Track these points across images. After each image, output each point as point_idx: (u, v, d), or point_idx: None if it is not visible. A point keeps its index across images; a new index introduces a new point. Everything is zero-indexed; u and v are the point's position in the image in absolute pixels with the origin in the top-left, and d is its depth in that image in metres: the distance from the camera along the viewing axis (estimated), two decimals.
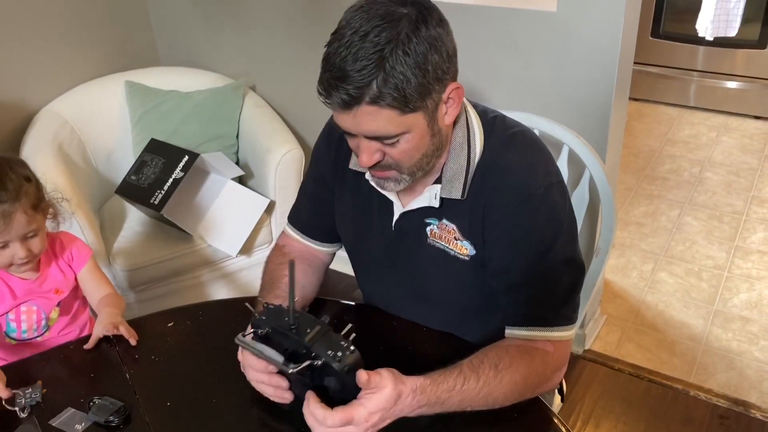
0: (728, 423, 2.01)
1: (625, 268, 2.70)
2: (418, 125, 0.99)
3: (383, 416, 0.94)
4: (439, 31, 0.96)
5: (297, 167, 2.24)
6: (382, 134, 0.98)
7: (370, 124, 0.97)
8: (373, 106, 0.94)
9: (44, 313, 1.43)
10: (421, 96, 0.96)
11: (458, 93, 1.03)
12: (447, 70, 0.99)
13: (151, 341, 1.25)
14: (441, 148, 1.07)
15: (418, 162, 1.05)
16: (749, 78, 3.68)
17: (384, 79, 0.92)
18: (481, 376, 1.01)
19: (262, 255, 2.28)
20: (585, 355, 2.29)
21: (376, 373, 0.94)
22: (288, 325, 0.94)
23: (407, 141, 1.00)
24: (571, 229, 1.11)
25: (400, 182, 1.07)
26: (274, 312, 0.98)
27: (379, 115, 0.96)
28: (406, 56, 0.92)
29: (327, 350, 0.91)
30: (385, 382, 0.94)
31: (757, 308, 2.45)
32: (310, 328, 0.93)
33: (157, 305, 2.17)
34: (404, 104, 0.95)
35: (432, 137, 1.03)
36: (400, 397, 0.95)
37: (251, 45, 2.52)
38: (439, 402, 0.99)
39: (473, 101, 1.15)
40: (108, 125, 2.44)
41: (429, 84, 0.96)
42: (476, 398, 1.00)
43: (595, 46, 1.80)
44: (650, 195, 3.16)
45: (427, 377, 0.99)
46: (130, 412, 1.08)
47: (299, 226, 1.35)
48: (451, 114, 1.04)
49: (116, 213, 2.31)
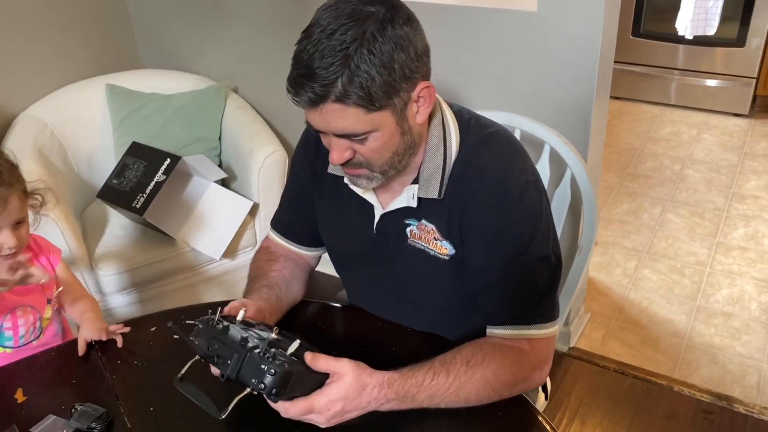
0: (712, 417, 2.03)
1: (608, 265, 2.72)
2: (387, 123, 1.00)
3: (346, 406, 0.95)
4: (406, 30, 0.96)
5: (280, 169, 2.23)
6: (350, 132, 0.99)
7: (338, 122, 0.98)
8: (339, 104, 0.95)
9: (39, 313, 1.41)
10: (388, 94, 0.96)
11: (429, 92, 1.03)
12: (416, 69, 0.99)
13: (133, 346, 1.25)
14: (413, 147, 1.07)
15: (389, 160, 1.05)
16: (728, 76, 3.72)
17: (349, 77, 0.93)
18: (452, 372, 1.01)
19: (246, 258, 2.28)
20: (570, 352, 2.30)
21: (332, 360, 0.96)
22: (214, 354, 0.95)
23: (376, 139, 1.01)
24: (548, 227, 1.12)
25: (372, 180, 1.08)
26: (203, 331, 0.98)
27: (346, 113, 0.96)
28: (371, 55, 0.93)
29: (251, 378, 0.91)
30: (344, 370, 0.95)
31: (739, 303, 2.48)
32: (231, 358, 0.92)
33: (140, 310, 2.15)
34: (370, 102, 0.95)
35: (402, 135, 1.03)
36: (364, 389, 0.96)
37: (233, 47, 2.51)
38: (409, 396, 0.99)
39: (449, 101, 1.16)
40: (89, 129, 2.42)
41: (395, 82, 0.96)
42: (447, 393, 1.01)
43: (576, 46, 1.81)
44: (633, 193, 3.19)
45: (396, 372, 1.00)
46: (112, 419, 1.07)
47: (282, 230, 1.35)
48: (423, 113, 1.04)
49: (98, 217, 2.29)
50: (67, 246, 1.96)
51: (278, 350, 0.94)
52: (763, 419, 2.01)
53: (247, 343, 0.93)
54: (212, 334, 0.96)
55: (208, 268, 2.25)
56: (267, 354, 0.91)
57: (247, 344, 0.93)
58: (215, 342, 0.95)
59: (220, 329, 0.96)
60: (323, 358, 0.96)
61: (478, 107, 1.34)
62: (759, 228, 2.89)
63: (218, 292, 2.28)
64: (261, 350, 0.92)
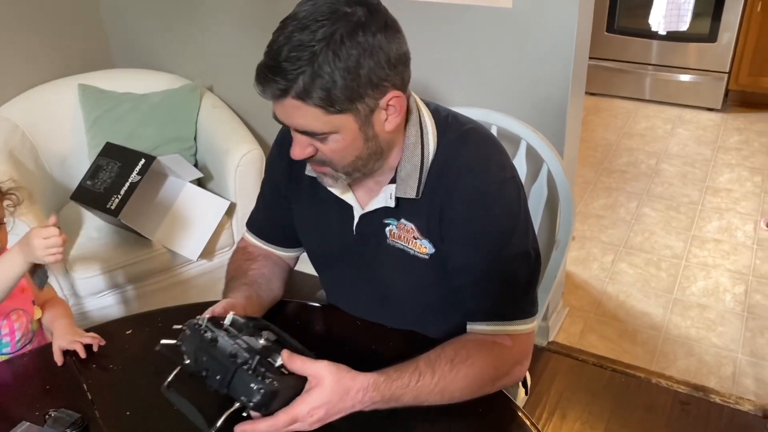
0: (689, 408, 2.06)
1: (586, 260, 2.74)
2: (348, 127, 0.99)
3: (329, 410, 0.94)
4: (378, 37, 0.94)
5: (257, 168, 2.22)
6: (309, 130, 0.99)
7: (298, 118, 0.97)
8: (299, 101, 0.95)
9: (29, 314, 1.39)
10: (350, 99, 0.95)
11: (399, 102, 1.01)
12: (386, 78, 0.97)
13: (109, 350, 1.23)
14: (380, 153, 1.06)
15: (351, 163, 1.04)
16: (701, 71, 3.77)
17: (311, 76, 0.92)
18: (437, 372, 1.01)
19: (223, 258, 2.26)
20: (549, 347, 2.31)
21: (308, 362, 0.94)
22: (202, 368, 0.94)
23: (336, 141, 1.00)
24: (526, 223, 1.12)
25: (337, 180, 1.07)
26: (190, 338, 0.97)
27: (305, 111, 0.96)
28: (336, 58, 0.92)
29: (240, 396, 0.91)
30: (322, 373, 0.93)
31: (714, 295, 2.51)
32: (220, 373, 0.92)
33: (116, 312, 2.12)
34: (329, 104, 0.95)
35: (366, 141, 1.02)
36: (348, 393, 0.95)
37: (207, 45, 2.48)
38: (394, 398, 0.99)
39: (425, 99, 1.15)
40: (61, 130, 2.38)
41: (360, 88, 0.95)
42: (432, 393, 1.01)
43: (551, 42, 1.82)
44: (609, 188, 3.22)
45: (381, 374, 0.98)
46: (88, 424, 1.05)
47: (258, 231, 1.34)
48: (393, 121, 1.03)
49: (72, 219, 2.25)
50: None
51: (267, 361, 0.93)
52: (738, 409, 2.04)
53: (236, 358, 0.92)
54: (200, 345, 0.95)
55: (185, 270, 2.22)
56: (256, 372, 0.90)
57: (237, 359, 0.91)
58: (203, 354, 0.94)
59: (209, 339, 0.95)
60: (299, 359, 0.94)
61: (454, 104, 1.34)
62: (732, 220, 2.93)
63: (196, 294, 2.26)
64: (250, 366, 0.91)
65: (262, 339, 0.97)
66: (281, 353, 0.95)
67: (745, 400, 2.07)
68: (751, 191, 3.13)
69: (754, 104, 3.87)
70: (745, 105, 3.90)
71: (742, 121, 3.76)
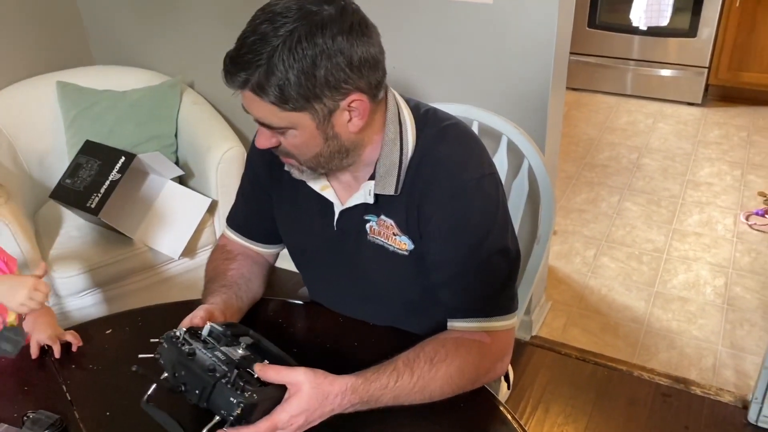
0: (670, 400, 2.08)
1: (568, 254, 2.76)
2: (305, 125, 1.00)
3: (309, 417, 0.94)
4: (339, 40, 0.94)
5: (239, 165, 2.20)
6: (267, 123, 1.01)
7: (256, 110, 0.99)
8: (254, 95, 0.96)
9: (2, 317, 1.37)
10: (305, 98, 0.96)
11: (361, 105, 1.00)
12: (346, 80, 0.96)
13: (88, 350, 1.21)
14: (344, 152, 1.06)
15: (313, 159, 1.05)
16: (682, 66, 3.80)
17: (266, 72, 0.93)
18: (416, 371, 1.01)
19: (205, 256, 2.22)
20: (532, 341, 2.33)
21: (284, 370, 0.94)
22: (180, 383, 0.94)
23: (294, 136, 1.01)
24: (505, 219, 1.12)
25: (303, 173, 1.09)
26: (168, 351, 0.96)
27: (261, 105, 0.98)
28: (291, 57, 0.92)
29: (220, 410, 0.91)
30: (299, 380, 0.93)
31: (695, 288, 2.54)
32: (198, 387, 0.92)
33: (97, 312, 2.11)
34: (283, 102, 0.96)
35: (326, 140, 1.02)
36: (327, 398, 0.94)
37: (187, 41, 2.46)
38: (373, 399, 0.99)
39: (405, 96, 1.15)
40: (40, 127, 2.35)
41: (316, 89, 0.95)
42: (411, 393, 1.01)
43: (532, 37, 1.83)
44: (591, 182, 3.24)
45: (360, 376, 0.98)
46: (67, 425, 1.04)
47: (238, 228, 1.33)
48: (356, 123, 1.02)
49: (52, 218, 2.23)
50: (20, 249, 1.90)
51: (247, 372, 0.93)
52: (719, 400, 2.06)
53: (215, 372, 0.91)
54: (178, 359, 0.94)
55: (167, 268, 2.21)
56: (235, 385, 0.90)
57: (215, 373, 0.91)
58: (181, 368, 0.94)
59: (186, 353, 0.94)
60: (273, 369, 0.93)
61: (435, 100, 1.34)
62: (713, 214, 2.96)
63: (178, 292, 2.25)
64: (229, 380, 0.90)
65: (240, 348, 0.97)
66: (254, 366, 0.94)
67: (725, 392, 2.09)
68: (730, 185, 3.16)
69: (734, 99, 3.91)
70: (725, 99, 3.94)
71: (722, 115, 3.80)
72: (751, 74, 3.72)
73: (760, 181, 3.17)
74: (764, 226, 2.85)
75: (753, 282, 2.55)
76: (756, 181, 3.17)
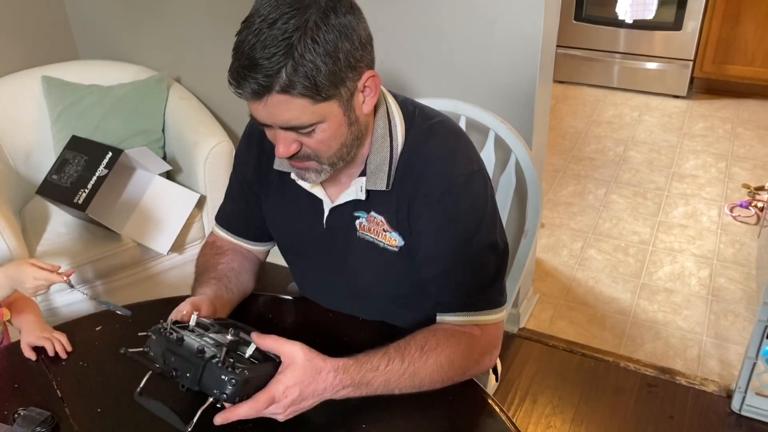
0: (656, 390, 2.11)
1: (555, 246, 2.78)
2: (333, 114, 0.98)
3: (302, 391, 0.95)
4: (349, 18, 0.95)
5: (227, 160, 2.20)
6: (296, 124, 0.97)
7: (283, 113, 0.96)
8: (284, 95, 0.93)
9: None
10: (334, 84, 0.95)
11: (374, 81, 1.02)
12: (361, 58, 0.98)
13: (78, 347, 1.21)
14: (361, 138, 1.06)
15: (337, 152, 1.04)
16: (667, 59, 3.83)
17: (293, 67, 0.91)
18: (406, 357, 1.03)
19: (194, 252, 2.24)
20: (520, 333, 2.35)
21: (281, 340, 0.96)
22: (171, 368, 0.94)
23: (323, 130, 0.99)
24: (493, 215, 1.13)
25: (321, 173, 1.06)
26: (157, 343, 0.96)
27: (292, 105, 0.94)
28: (315, 44, 0.91)
29: (212, 389, 0.91)
30: (295, 352, 0.96)
31: (680, 279, 2.57)
32: (189, 371, 0.92)
33: (86, 308, 2.09)
34: (316, 93, 0.94)
35: (350, 126, 1.02)
36: (320, 374, 0.96)
37: (174, 35, 2.45)
38: (364, 382, 1.00)
39: (393, 91, 1.16)
40: (25, 123, 2.34)
41: (341, 72, 0.95)
42: (401, 379, 1.02)
43: (518, 31, 1.83)
44: (577, 175, 3.26)
45: (351, 358, 1.00)
46: (58, 422, 1.05)
47: (227, 226, 1.33)
48: (369, 103, 1.04)
49: (38, 214, 2.22)
50: (6, 245, 1.89)
51: (236, 354, 0.94)
52: (704, 390, 2.09)
53: (204, 353, 0.91)
54: (167, 347, 0.94)
55: (156, 264, 2.21)
56: (226, 363, 0.90)
57: (205, 354, 0.91)
58: (171, 355, 0.94)
59: (175, 340, 0.94)
60: (271, 338, 0.96)
61: (422, 95, 1.35)
62: (698, 206, 2.99)
63: (167, 288, 2.25)
64: (219, 359, 0.91)
65: (228, 335, 0.97)
66: (251, 335, 0.96)
67: (710, 382, 2.12)
68: (715, 177, 3.19)
69: (719, 91, 3.95)
70: (710, 92, 3.97)
71: (707, 108, 3.83)
72: (735, 67, 3.75)
73: (744, 173, 3.21)
74: (748, 217, 2.89)
75: (737, 273, 2.58)
76: (740, 173, 3.20)
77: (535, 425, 2.02)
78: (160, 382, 0.98)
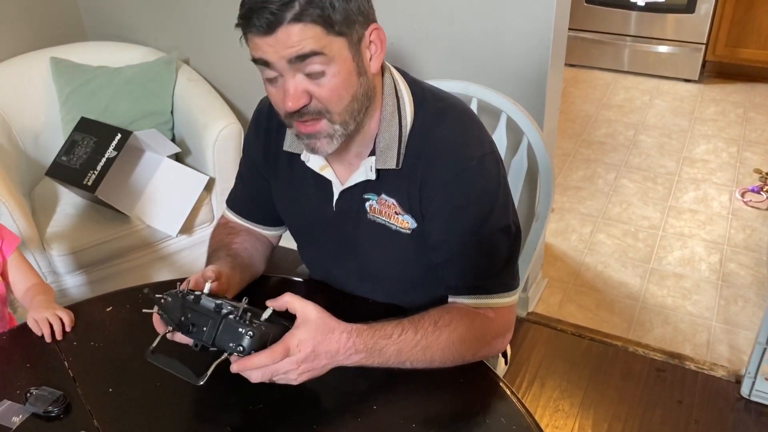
0: (665, 375, 2.10)
1: (564, 231, 2.77)
2: (343, 57, 0.98)
3: (316, 348, 0.96)
4: None
5: (236, 142, 2.19)
6: (307, 51, 0.94)
7: (296, 42, 0.93)
8: (297, 23, 0.93)
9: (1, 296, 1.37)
10: (345, 21, 0.96)
11: (379, 35, 1.02)
12: (368, 9, 1.00)
13: (89, 327, 1.22)
14: (370, 97, 1.05)
15: (348, 106, 1.01)
16: (679, 42, 3.78)
17: None
18: (420, 330, 1.03)
19: (203, 234, 2.24)
20: (528, 317, 2.34)
21: (297, 298, 0.98)
22: (189, 323, 0.96)
23: (333, 75, 0.97)
24: (506, 198, 1.12)
25: (333, 138, 1.03)
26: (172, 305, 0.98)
27: (304, 32, 0.93)
28: None
29: (229, 342, 0.93)
30: (308, 310, 0.97)
31: (690, 264, 2.56)
32: (206, 325, 0.94)
33: (95, 290, 2.11)
34: (329, 24, 0.94)
35: (359, 76, 1.01)
36: (333, 332, 0.97)
37: (183, 16, 2.44)
38: (377, 349, 1.00)
39: (402, 70, 1.14)
40: (34, 105, 2.33)
41: (353, 13, 0.96)
42: (414, 351, 1.02)
43: (531, 14, 1.81)
44: (587, 159, 3.24)
45: (364, 324, 1.01)
46: (70, 401, 1.05)
47: (239, 210, 1.33)
48: (376, 60, 1.03)
49: (48, 196, 2.22)
50: (17, 227, 1.90)
51: (252, 314, 0.96)
52: (712, 375, 2.09)
53: (222, 309, 0.94)
54: (183, 305, 0.97)
55: (165, 246, 2.21)
56: (243, 318, 0.93)
57: (222, 310, 0.94)
58: (188, 311, 0.96)
59: (192, 299, 0.97)
60: (286, 295, 0.98)
61: (434, 77, 1.34)
62: (708, 191, 2.97)
63: (175, 270, 2.25)
64: (236, 315, 0.93)
65: (243, 304, 0.98)
66: (266, 302, 0.98)
67: (719, 367, 2.12)
68: (726, 162, 3.17)
69: (731, 75, 3.90)
70: (722, 76, 3.93)
71: (719, 92, 3.80)
72: (748, 51, 3.71)
73: (756, 158, 3.18)
74: (759, 203, 2.87)
75: (747, 258, 2.57)
76: (752, 158, 3.17)
77: (544, 408, 2.02)
78: (172, 346, 0.99)
